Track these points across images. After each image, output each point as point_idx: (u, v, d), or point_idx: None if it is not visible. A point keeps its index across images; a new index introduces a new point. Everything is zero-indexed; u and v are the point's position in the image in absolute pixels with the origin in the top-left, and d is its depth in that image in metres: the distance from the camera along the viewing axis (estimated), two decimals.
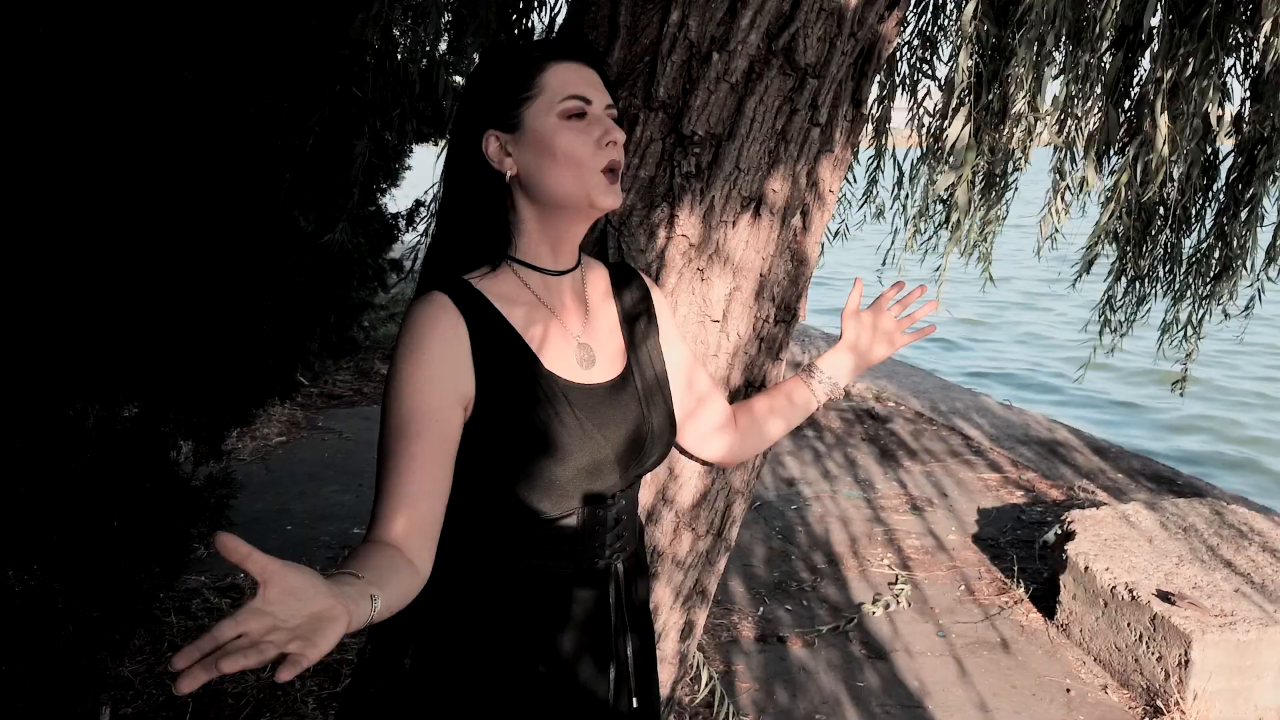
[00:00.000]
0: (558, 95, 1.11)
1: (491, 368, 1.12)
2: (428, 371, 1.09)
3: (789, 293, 1.65)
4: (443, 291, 1.12)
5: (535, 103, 1.12)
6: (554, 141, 1.11)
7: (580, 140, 1.12)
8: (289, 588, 0.79)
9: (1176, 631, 2.77)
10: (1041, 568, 3.64)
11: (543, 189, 1.13)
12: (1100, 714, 2.84)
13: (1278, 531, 3.41)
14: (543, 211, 1.15)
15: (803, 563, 3.80)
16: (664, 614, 1.72)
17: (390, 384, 1.11)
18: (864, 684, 2.95)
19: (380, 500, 1.08)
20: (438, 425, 1.09)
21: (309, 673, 2.77)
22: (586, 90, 1.13)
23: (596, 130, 1.13)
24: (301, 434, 5.00)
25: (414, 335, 1.10)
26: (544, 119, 1.11)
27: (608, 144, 1.13)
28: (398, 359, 1.11)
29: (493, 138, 1.13)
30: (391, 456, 1.08)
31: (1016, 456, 5.19)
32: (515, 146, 1.13)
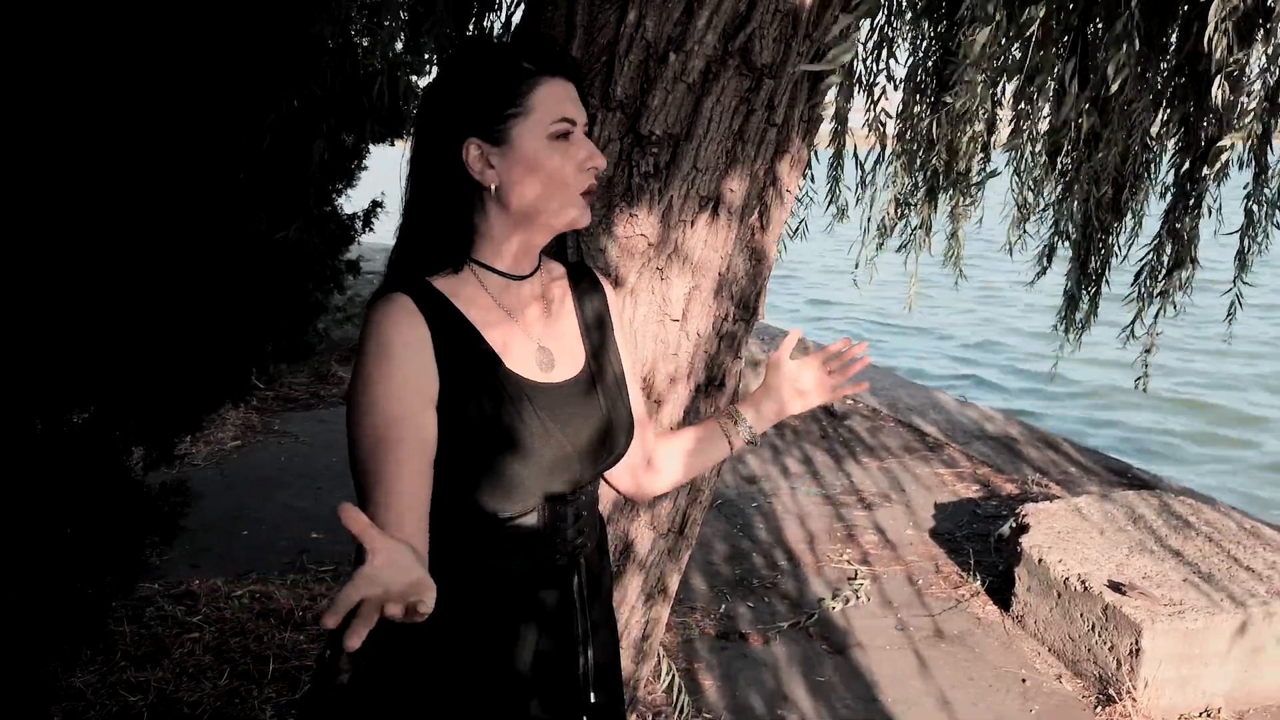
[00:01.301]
0: (548, 116, 1.11)
1: (453, 367, 1.11)
2: (399, 375, 1.09)
3: (748, 291, 1.66)
4: (403, 292, 1.12)
5: (524, 120, 1.11)
6: (542, 163, 1.12)
7: (567, 164, 1.13)
8: (391, 558, 0.87)
9: (1127, 621, 2.83)
10: (997, 561, 3.71)
11: (521, 203, 1.13)
12: (1055, 703, 2.89)
13: (1224, 522, 3.50)
14: (513, 221, 1.16)
15: (763, 559, 3.82)
16: (626, 611, 1.72)
17: (359, 391, 1.09)
18: (824, 679, 2.98)
19: (372, 513, 1.06)
20: (417, 430, 1.09)
21: (267, 679, 2.73)
22: (573, 111, 1.14)
23: (581, 153, 1.14)
24: (257, 438, 4.92)
25: (378, 339, 1.09)
26: (533, 138, 1.11)
27: (589, 168, 1.14)
28: (364, 364, 1.09)
29: (474, 146, 1.12)
30: (376, 468, 1.07)
31: (972, 452, 5.27)
32: (498, 159, 1.12)
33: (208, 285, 2.18)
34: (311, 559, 3.50)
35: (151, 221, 2.02)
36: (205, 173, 2.07)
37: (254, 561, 3.47)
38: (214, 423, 4.81)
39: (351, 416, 1.10)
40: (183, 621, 3.00)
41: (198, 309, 2.19)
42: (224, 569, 3.38)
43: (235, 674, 2.75)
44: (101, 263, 1.96)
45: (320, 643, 2.87)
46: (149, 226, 2.02)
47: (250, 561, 3.47)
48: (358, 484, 1.10)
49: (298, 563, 3.47)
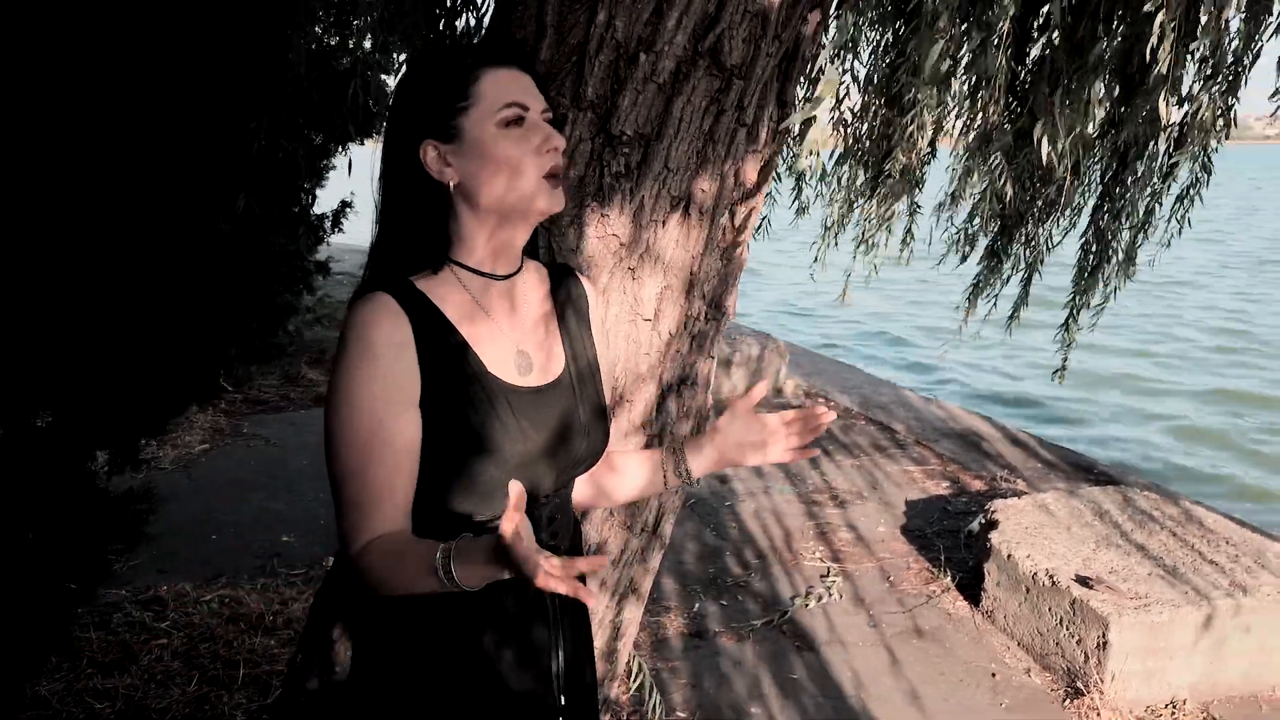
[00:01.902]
0: (495, 104, 1.11)
1: (434, 368, 1.11)
2: (386, 376, 1.08)
3: (719, 290, 1.67)
4: (386, 291, 1.11)
5: (472, 112, 1.11)
6: (494, 150, 1.11)
7: (520, 148, 1.12)
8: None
9: (1094, 614, 2.87)
10: (967, 557, 3.74)
11: (484, 197, 1.13)
12: (1024, 697, 2.93)
13: (1187, 517, 3.56)
14: (485, 218, 1.15)
15: (735, 559, 3.84)
16: (599, 613, 1.72)
17: (343, 393, 1.09)
18: (796, 677, 3.00)
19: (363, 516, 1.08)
20: (403, 432, 1.09)
21: (237, 685, 2.70)
22: (523, 97, 1.13)
23: (536, 137, 1.13)
24: (225, 441, 4.87)
25: (362, 338, 1.09)
26: (482, 128, 1.11)
27: (548, 151, 1.13)
28: (348, 365, 1.09)
29: (431, 148, 1.12)
30: (363, 471, 1.08)
31: (941, 449, 5.32)
32: (455, 156, 1.12)
33: (173, 285, 2.15)
34: (282, 563, 3.47)
35: (115, 221, 1.99)
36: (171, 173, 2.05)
37: (223, 566, 3.43)
38: (181, 426, 4.76)
39: (335, 419, 1.09)
40: (150, 627, 2.96)
41: (163, 310, 2.17)
42: (192, 574, 3.34)
43: (205, 680, 2.72)
44: (64, 263, 1.93)
45: (292, 647, 2.84)
46: (113, 226, 1.99)
47: (219, 566, 3.43)
48: (340, 486, 1.10)
49: (268, 566, 3.44)
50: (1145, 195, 2.76)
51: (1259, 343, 11.46)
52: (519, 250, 1.21)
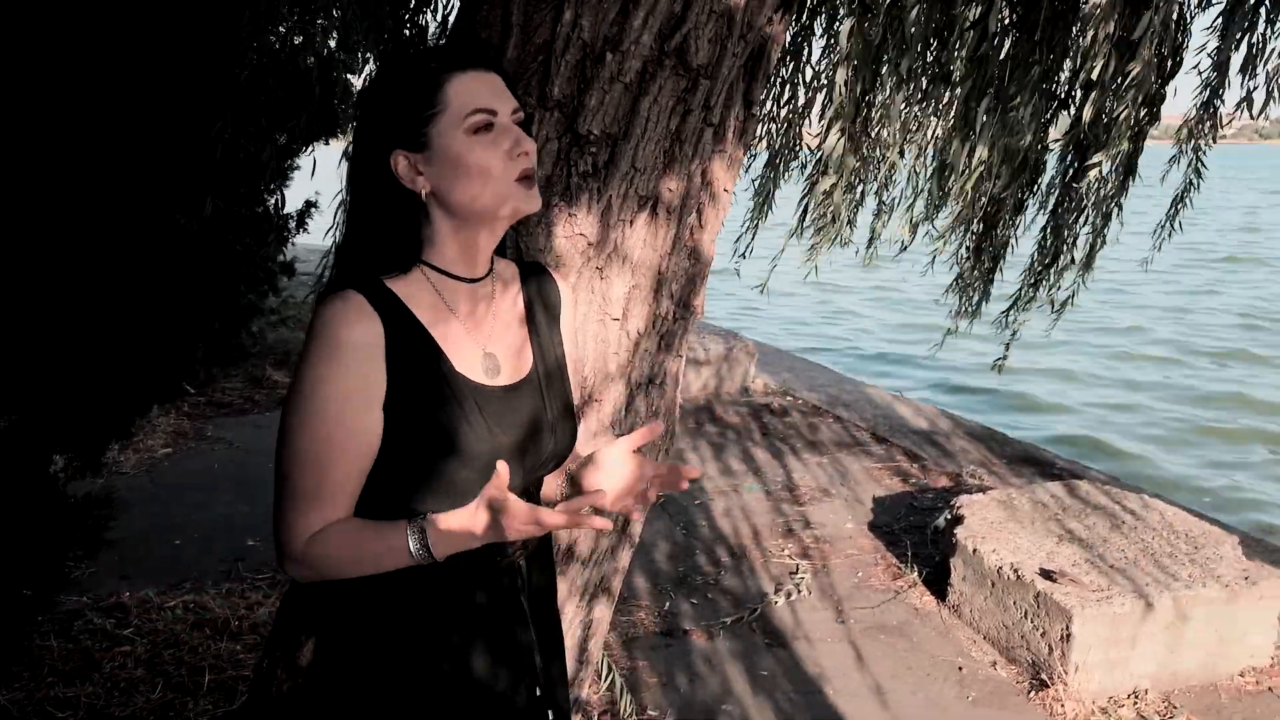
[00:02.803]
0: (463, 110, 1.10)
1: (402, 367, 1.11)
2: (351, 376, 1.08)
3: (686, 290, 1.67)
4: (357, 290, 1.10)
5: (441, 120, 1.10)
6: (465, 158, 1.10)
7: (491, 154, 1.11)
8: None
9: (1058, 607, 2.92)
10: (933, 552, 3.78)
11: (458, 204, 1.13)
12: (990, 689, 2.97)
13: (1147, 510, 3.63)
14: (458, 223, 1.15)
15: (706, 556, 3.85)
16: (570, 611, 1.72)
17: (307, 390, 1.08)
18: (767, 673, 3.02)
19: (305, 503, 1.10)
20: (365, 432, 1.10)
21: (203, 691, 2.67)
22: (491, 100, 1.12)
23: (506, 141, 1.12)
24: (189, 445, 4.80)
25: (330, 337, 1.08)
26: (452, 136, 1.10)
27: (519, 155, 1.12)
28: (314, 362, 1.08)
29: (401, 157, 1.12)
30: (319, 468, 1.09)
31: (907, 445, 5.37)
32: (426, 164, 1.12)
33: (135, 286, 2.12)
34: (248, 567, 3.43)
35: (76, 221, 1.96)
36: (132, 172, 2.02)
37: (187, 571, 3.38)
38: (143, 429, 4.68)
39: (296, 413, 1.09)
40: (113, 635, 2.91)
41: (124, 311, 2.13)
42: (156, 580, 3.29)
43: (169, 686, 2.68)
44: (22, 263, 1.90)
45: (258, 652, 2.81)
46: (73, 226, 1.96)
47: (183, 571, 3.38)
48: (291, 478, 1.10)
49: (233, 571, 3.40)
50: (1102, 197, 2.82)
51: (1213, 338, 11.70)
52: (490, 253, 1.21)
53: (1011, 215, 2.92)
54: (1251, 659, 3.07)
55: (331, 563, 1.11)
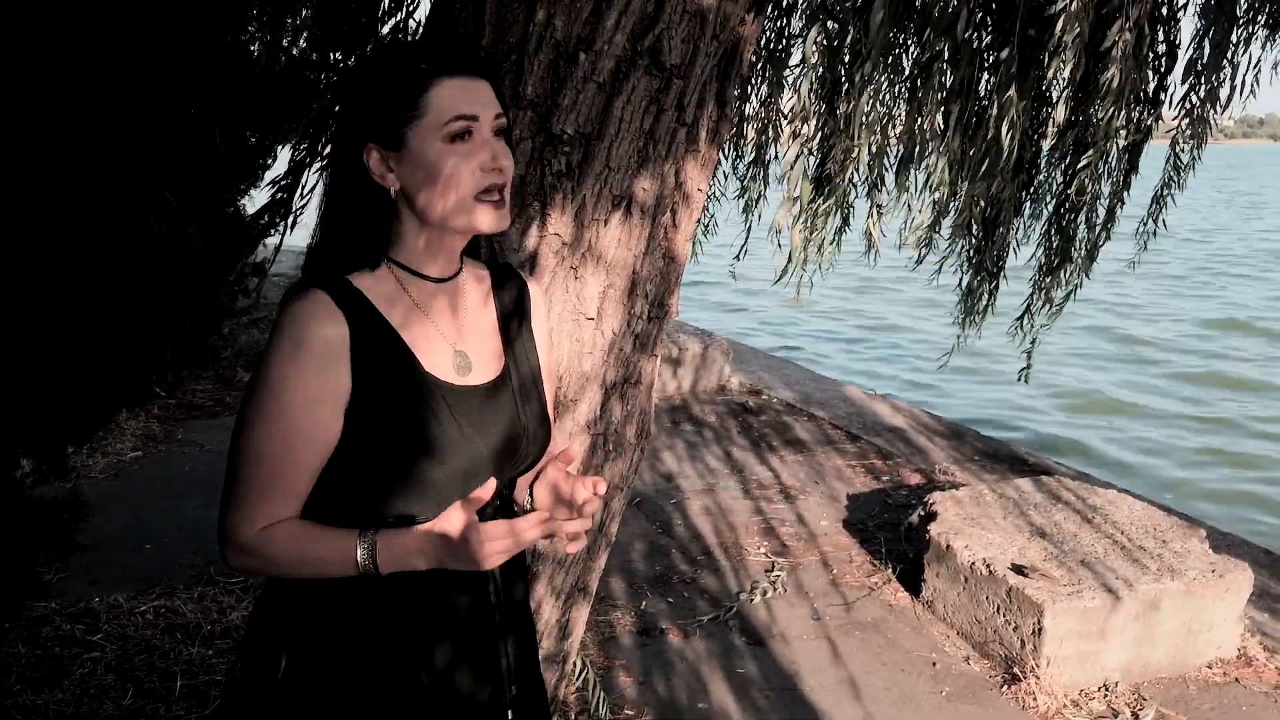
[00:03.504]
0: (443, 117, 1.09)
1: (370, 367, 1.10)
2: (314, 375, 1.07)
3: (661, 289, 1.68)
4: (322, 289, 1.10)
5: (420, 123, 1.09)
6: (437, 166, 1.09)
7: (464, 165, 1.10)
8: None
9: (1030, 602, 2.95)
10: (907, 548, 3.81)
11: (423, 208, 1.12)
12: (964, 684, 2.99)
13: (1117, 504, 3.68)
14: (425, 225, 1.14)
15: (682, 555, 3.86)
16: (546, 613, 1.72)
17: (268, 379, 1.08)
18: (743, 671, 3.03)
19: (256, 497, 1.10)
20: (324, 432, 1.10)
21: (174, 697, 2.64)
22: (473, 107, 1.10)
23: (483, 154, 1.10)
24: (159, 448, 4.74)
25: (294, 335, 1.07)
26: (428, 141, 1.09)
27: (492, 169, 1.11)
28: (277, 360, 1.08)
29: (374, 151, 1.11)
30: (275, 464, 1.09)
31: (882, 443, 5.41)
32: (398, 163, 1.11)
33: (102, 287, 2.09)
34: (220, 570, 3.39)
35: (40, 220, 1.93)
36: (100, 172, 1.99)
37: (158, 576, 3.34)
38: (111, 432, 4.62)
39: (254, 411, 1.09)
40: (82, 641, 2.87)
41: (91, 312, 2.10)
42: (126, 585, 3.25)
43: (140, 693, 2.65)
44: None
45: (231, 656, 2.78)
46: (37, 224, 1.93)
47: (154, 576, 3.34)
48: (244, 469, 1.10)
49: (205, 575, 3.36)
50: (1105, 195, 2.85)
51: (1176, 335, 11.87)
52: (458, 254, 1.20)
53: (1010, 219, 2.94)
54: (1219, 651, 3.12)
55: (277, 560, 1.12)
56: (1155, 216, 3.07)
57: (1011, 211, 2.88)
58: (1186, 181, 3.03)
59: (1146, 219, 3.07)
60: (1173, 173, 2.98)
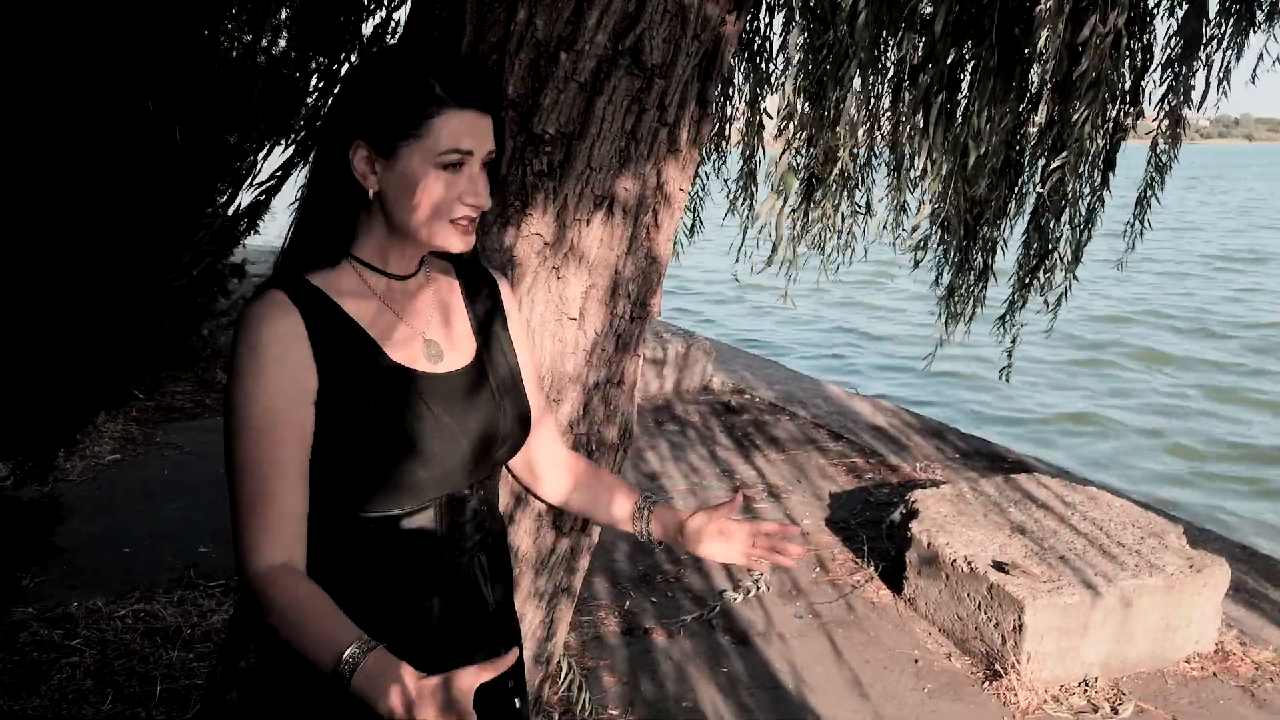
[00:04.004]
0: (441, 146, 1.09)
1: (334, 362, 1.10)
2: (274, 371, 1.07)
3: (643, 289, 1.68)
4: (278, 289, 1.09)
5: (417, 145, 1.09)
6: (423, 188, 1.10)
7: (446, 193, 1.11)
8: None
9: (1010, 598, 2.97)
10: (889, 546, 3.83)
11: (396, 218, 1.13)
12: (945, 680, 3.01)
13: (1095, 501, 3.71)
14: (392, 230, 1.15)
15: (666, 555, 3.86)
16: (529, 614, 1.72)
17: (235, 389, 1.08)
18: (727, 669, 3.04)
19: (252, 514, 1.07)
20: (295, 427, 1.08)
21: (155, 701, 2.62)
22: (471, 142, 1.11)
23: (465, 186, 1.12)
24: (138, 450, 4.70)
25: (250, 336, 1.08)
26: (420, 163, 1.09)
27: (470, 203, 1.12)
28: (238, 362, 1.08)
29: (362, 149, 1.11)
30: (253, 465, 1.07)
31: (863, 441, 5.44)
32: (383, 169, 1.11)
33: (80, 288, 2.07)
34: (200, 574, 3.37)
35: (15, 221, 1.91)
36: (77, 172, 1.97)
37: (137, 580, 3.31)
38: (89, 435, 4.57)
39: (227, 417, 1.09)
40: (61, 646, 2.85)
41: (69, 314, 2.09)
42: (105, 589, 3.22)
43: (120, 697, 2.63)
44: None
45: (211, 660, 2.76)
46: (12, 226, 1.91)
47: (133, 580, 3.31)
48: (233, 487, 1.09)
49: (185, 579, 3.33)
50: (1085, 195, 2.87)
51: None
52: (419, 258, 1.21)
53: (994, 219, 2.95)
54: (1197, 645, 3.15)
55: (274, 621, 1.06)
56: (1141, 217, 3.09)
57: (994, 211, 2.90)
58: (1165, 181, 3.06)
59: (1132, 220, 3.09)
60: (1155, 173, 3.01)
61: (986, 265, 3.12)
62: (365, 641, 1.00)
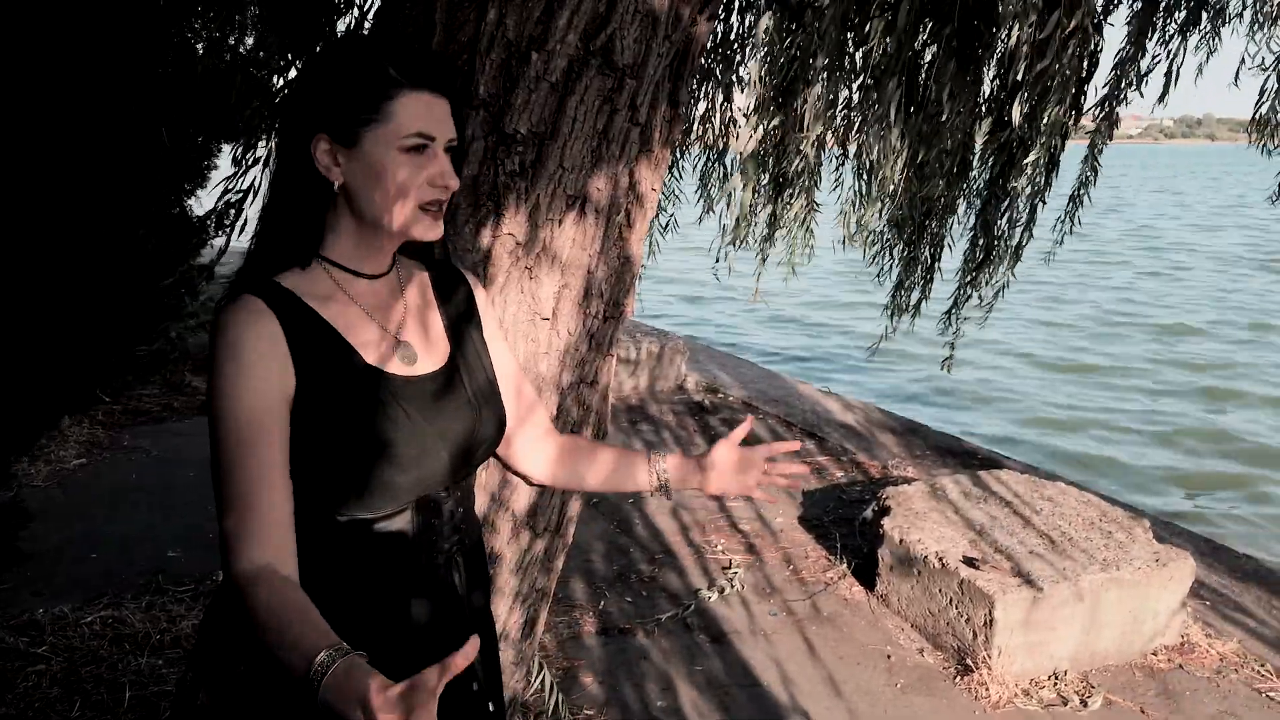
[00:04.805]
0: (403, 130, 1.09)
1: (310, 366, 1.09)
2: (254, 373, 1.06)
3: (616, 289, 1.68)
4: (251, 293, 1.08)
5: (378, 130, 1.09)
6: (389, 173, 1.10)
7: (413, 177, 1.10)
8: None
9: (981, 594, 3.01)
10: (862, 543, 3.86)
11: (364, 208, 1.12)
12: (918, 676, 3.04)
13: (1063, 497, 3.76)
14: (361, 224, 1.14)
15: (642, 554, 3.86)
16: (505, 615, 1.71)
17: (216, 393, 1.07)
18: (703, 668, 3.04)
19: (238, 517, 1.06)
20: (278, 428, 1.08)
21: (123, 708, 2.58)
22: (432, 126, 1.11)
23: (432, 169, 1.12)
24: (104, 455, 4.63)
25: (227, 340, 1.07)
26: (383, 148, 1.09)
27: (439, 186, 1.12)
28: (216, 369, 1.07)
29: (324, 142, 1.10)
30: (237, 467, 1.06)
31: (835, 439, 5.47)
32: (346, 160, 1.10)
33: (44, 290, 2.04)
34: (169, 579, 3.32)
35: None
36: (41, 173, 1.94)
37: (105, 585, 3.27)
38: (54, 439, 4.50)
39: (211, 422, 1.07)
40: (26, 653, 2.80)
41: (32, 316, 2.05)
42: (71, 595, 3.17)
43: (87, 705, 2.59)
44: None
45: (181, 666, 2.73)
46: None
47: (101, 585, 3.26)
48: (220, 494, 1.07)
49: (153, 584, 3.29)
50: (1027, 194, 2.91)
51: None
52: (391, 252, 1.20)
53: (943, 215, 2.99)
54: (1163, 638, 3.20)
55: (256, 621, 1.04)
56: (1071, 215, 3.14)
57: (944, 208, 2.93)
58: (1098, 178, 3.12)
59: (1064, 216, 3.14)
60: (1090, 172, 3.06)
61: (934, 261, 3.17)
62: (338, 648, 0.97)
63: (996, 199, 2.92)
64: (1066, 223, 3.07)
